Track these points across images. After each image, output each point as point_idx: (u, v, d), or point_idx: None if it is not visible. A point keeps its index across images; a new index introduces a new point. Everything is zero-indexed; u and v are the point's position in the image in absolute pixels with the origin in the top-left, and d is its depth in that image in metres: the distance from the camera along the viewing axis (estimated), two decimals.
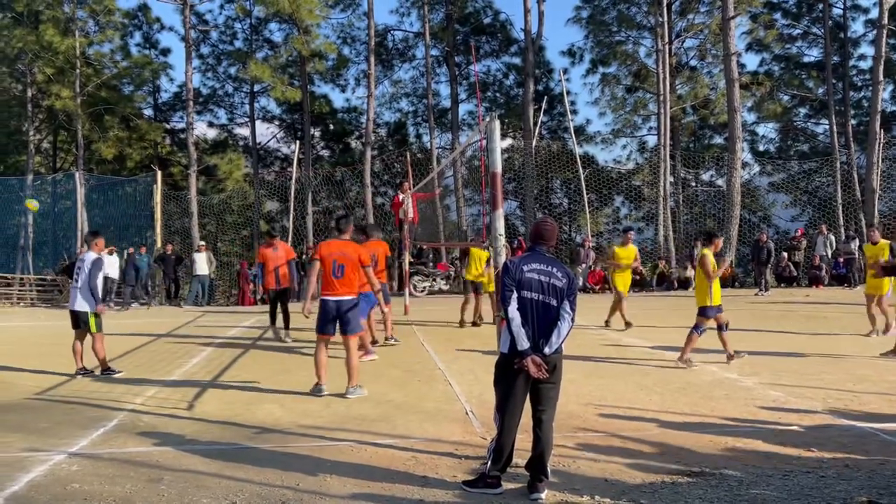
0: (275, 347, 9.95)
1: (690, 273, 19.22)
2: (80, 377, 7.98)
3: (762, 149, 30.36)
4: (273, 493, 4.24)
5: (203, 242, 20.65)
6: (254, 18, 28.23)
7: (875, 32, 22.68)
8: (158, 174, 22.26)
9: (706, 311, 8.07)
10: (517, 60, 29.06)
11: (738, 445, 5.12)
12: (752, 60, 72.84)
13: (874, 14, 24.68)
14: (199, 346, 10.12)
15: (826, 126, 27.62)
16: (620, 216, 29.95)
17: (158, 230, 21.82)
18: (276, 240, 10.75)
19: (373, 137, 25.85)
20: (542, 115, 25.89)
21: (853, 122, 26.95)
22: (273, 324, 10.61)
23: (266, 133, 33.41)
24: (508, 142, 29.40)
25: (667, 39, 24.87)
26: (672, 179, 25.00)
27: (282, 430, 5.66)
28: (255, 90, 28.75)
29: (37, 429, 5.80)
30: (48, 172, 28.59)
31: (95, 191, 25.50)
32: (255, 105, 29.57)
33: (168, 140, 30.42)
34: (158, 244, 21.07)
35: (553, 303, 4.21)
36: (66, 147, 29.75)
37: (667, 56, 24.54)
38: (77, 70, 23.72)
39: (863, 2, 27.91)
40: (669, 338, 9.81)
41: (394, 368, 8.19)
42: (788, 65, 28.81)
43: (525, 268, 4.24)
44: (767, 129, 30.58)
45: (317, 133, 31.04)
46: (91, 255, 8.04)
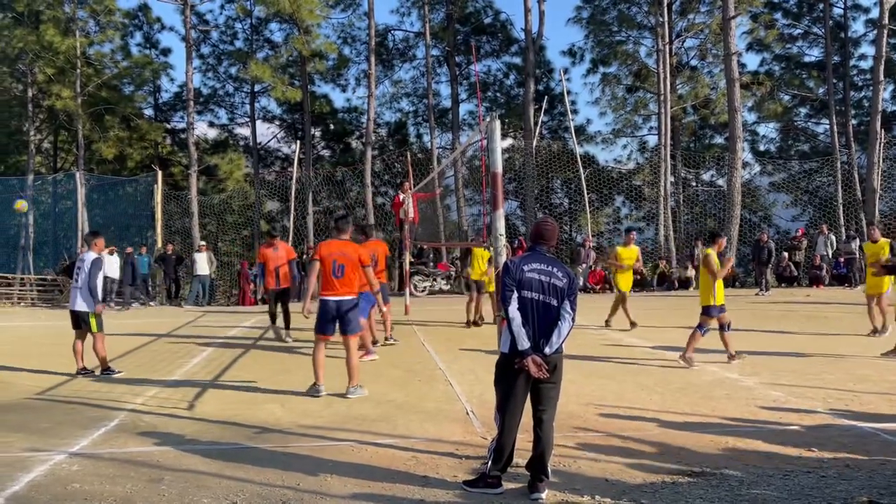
0: (275, 347, 9.96)
1: (691, 273, 19.23)
2: (81, 377, 7.98)
3: (763, 149, 30.43)
4: (274, 493, 4.25)
5: (203, 242, 20.66)
6: (254, 18, 28.24)
7: (875, 32, 22.67)
8: (159, 174, 22.26)
9: (710, 311, 8.07)
10: (518, 60, 29.06)
11: (739, 445, 5.12)
12: (753, 60, 72.80)
13: (875, 14, 24.72)
14: (200, 346, 10.13)
15: (827, 126, 27.62)
16: (621, 216, 29.96)
17: (159, 230, 21.83)
18: (277, 240, 10.75)
19: (373, 137, 25.83)
20: (543, 115, 25.88)
21: (854, 122, 26.93)
22: (273, 323, 10.63)
23: (266, 133, 33.49)
24: (509, 142, 29.41)
25: (667, 39, 24.86)
26: (673, 179, 24.99)
27: (282, 430, 5.66)
28: (256, 90, 28.75)
29: (37, 429, 5.81)
30: (49, 172, 28.58)
31: (96, 191, 25.49)
32: (256, 105, 29.59)
33: (168, 140, 30.40)
34: (159, 244, 21.08)
35: (553, 303, 4.21)
36: (67, 147, 29.76)
37: (667, 56, 24.52)
38: (77, 70, 23.70)
39: (863, 1, 27.95)
40: (670, 338, 9.82)
41: (394, 368, 8.20)
42: (789, 64, 28.80)
43: (525, 268, 4.24)
44: (768, 129, 30.66)
45: (317, 133, 31.03)
46: (91, 255, 8.05)
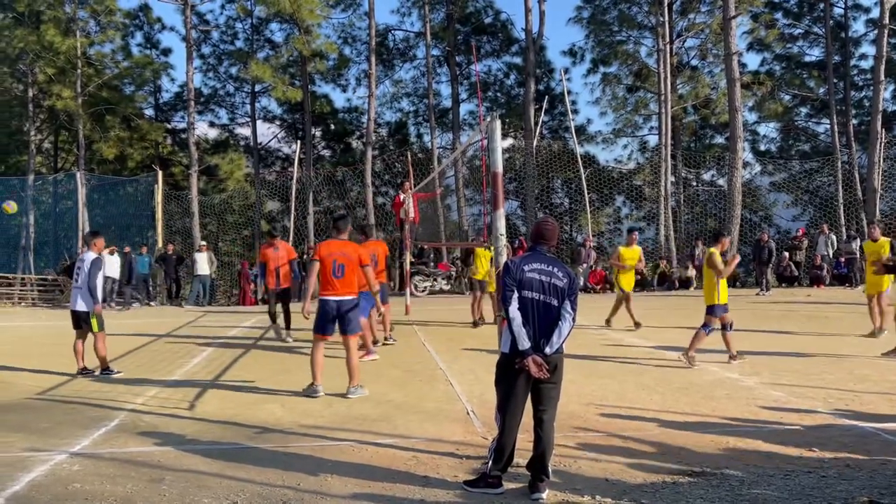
0: (276, 347, 9.96)
1: (691, 273, 19.23)
2: (82, 377, 7.99)
3: (763, 148, 30.42)
4: (274, 493, 4.25)
5: (204, 242, 20.65)
6: (255, 18, 28.25)
7: (876, 32, 22.65)
8: (159, 174, 22.26)
9: (714, 310, 8.07)
10: (518, 60, 29.05)
11: (740, 445, 5.11)
12: (754, 60, 72.84)
13: (875, 13, 24.70)
14: (200, 346, 10.13)
15: (827, 125, 27.61)
16: (621, 216, 29.95)
17: (159, 230, 21.83)
18: (278, 240, 10.77)
19: (374, 137, 25.82)
20: (543, 115, 25.89)
21: (854, 122, 26.92)
22: (274, 323, 10.64)
23: (267, 133, 33.52)
24: (509, 141, 29.42)
25: (668, 39, 24.84)
26: (673, 179, 24.98)
27: (283, 430, 5.66)
28: (256, 90, 28.76)
29: (38, 429, 5.81)
30: (49, 172, 28.59)
31: (97, 191, 25.50)
32: (256, 105, 29.60)
33: (169, 140, 30.39)
34: (160, 244, 21.08)
35: (554, 303, 4.21)
36: (68, 147, 29.77)
37: (668, 56, 24.52)
38: (78, 70, 23.71)
39: (864, 1, 27.97)
40: (670, 337, 9.83)
41: (395, 368, 8.20)
42: (789, 64, 28.79)
43: (526, 268, 4.24)
44: (768, 129, 30.65)
45: (318, 133, 31.02)
46: (90, 255, 8.05)
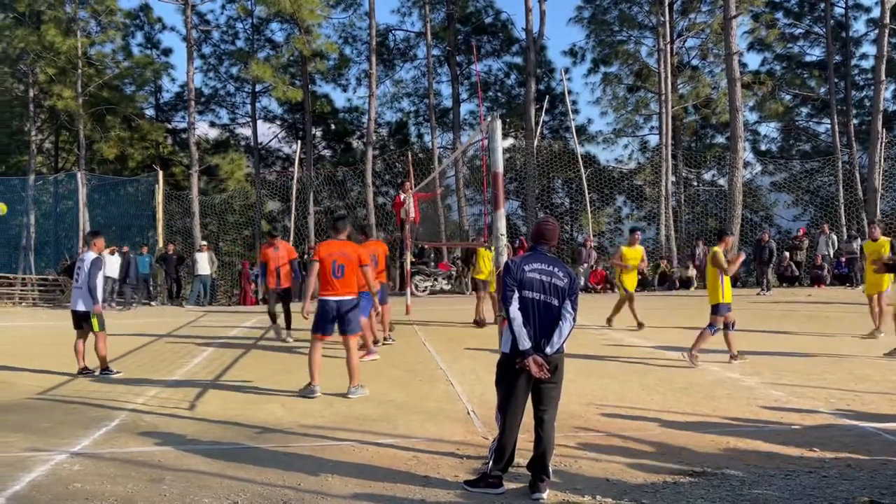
0: (276, 347, 9.96)
1: (692, 273, 19.23)
2: (82, 377, 7.99)
3: (764, 148, 30.40)
4: (275, 493, 4.24)
5: (205, 242, 20.66)
6: (255, 18, 28.25)
7: (877, 32, 22.64)
8: (160, 174, 22.26)
9: (719, 309, 8.06)
10: (518, 60, 29.04)
11: (740, 445, 5.11)
12: (754, 60, 72.87)
13: (876, 13, 24.68)
14: (201, 346, 10.13)
15: (828, 125, 27.60)
16: (622, 216, 29.94)
17: (160, 230, 21.83)
18: (278, 239, 10.76)
19: (374, 137, 25.82)
20: (544, 115, 25.87)
21: (855, 122, 26.90)
22: (274, 322, 10.64)
23: (267, 133, 33.52)
24: (510, 141, 29.44)
25: (668, 39, 24.84)
26: (674, 179, 24.97)
27: (283, 430, 5.66)
28: (257, 90, 28.76)
29: (38, 428, 5.81)
30: (50, 172, 28.61)
31: (97, 191, 25.50)
32: (257, 105, 29.60)
33: (170, 140, 30.40)
34: (160, 244, 21.09)
35: (554, 302, 4.21)
36: (68, 147, 29.79)
37: (668, 55, 24.51)
38: (79, 70, 23.72)
39: (864, 1, 27.94)
40: (671, 337, 9.83)
41: (395, 368, 8.20)
42: (790, 64, 28.77)
43: (526, 267, 4.24)
44: (769, 129, 30.63)
45: (318, 133, 31.02)
46: (90, 255, 8.05)
